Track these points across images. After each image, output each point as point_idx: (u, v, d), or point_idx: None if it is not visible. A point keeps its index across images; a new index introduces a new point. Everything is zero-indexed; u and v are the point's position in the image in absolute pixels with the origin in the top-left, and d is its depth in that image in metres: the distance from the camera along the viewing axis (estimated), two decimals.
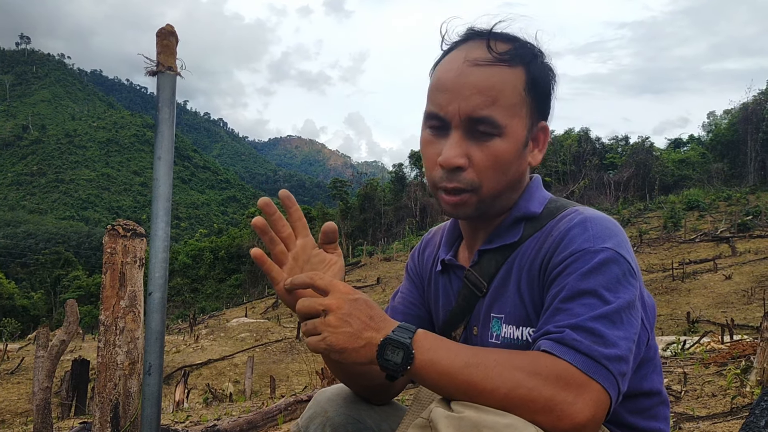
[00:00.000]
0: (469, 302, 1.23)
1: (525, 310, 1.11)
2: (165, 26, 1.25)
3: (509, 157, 1.12)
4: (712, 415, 4.04)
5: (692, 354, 7.50)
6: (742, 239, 27.31)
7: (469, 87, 1.10)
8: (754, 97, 60.18)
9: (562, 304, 1.00)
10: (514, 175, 1.15)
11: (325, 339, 0.99)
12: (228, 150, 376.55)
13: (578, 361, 0.93)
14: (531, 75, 1.13)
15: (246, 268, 63.17)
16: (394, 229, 61.03)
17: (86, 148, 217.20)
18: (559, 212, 1.16)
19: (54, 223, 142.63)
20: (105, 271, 3.46)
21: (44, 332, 5.75)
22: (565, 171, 64.70)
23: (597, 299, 0.99)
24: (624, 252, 1.04)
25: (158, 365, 1.13)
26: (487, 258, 1.20)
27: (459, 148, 1.10)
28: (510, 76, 1.11)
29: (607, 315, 0.98)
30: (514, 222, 1.19)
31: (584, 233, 1.05)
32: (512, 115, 1.11)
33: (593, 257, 1.02)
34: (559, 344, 0.95)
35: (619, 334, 0.97)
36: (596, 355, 0.94)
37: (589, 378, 0.92)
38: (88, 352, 16.85)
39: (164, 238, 1.16)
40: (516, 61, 1.12)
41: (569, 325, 0.97)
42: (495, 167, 1.11)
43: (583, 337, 0.95)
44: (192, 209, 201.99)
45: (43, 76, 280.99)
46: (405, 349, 0.96)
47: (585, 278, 1.01)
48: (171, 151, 1.20)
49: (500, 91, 1.10)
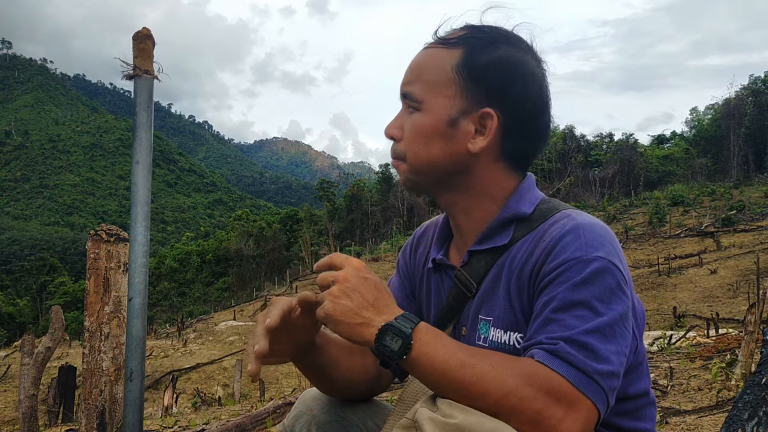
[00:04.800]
0: (459, 302, 1.22)
1: (514, 315, 1.11)
2: (141, 29, 1.25)
3: (426, 131, 1.16)
4: (699, 409, 4.07)
5: (678, 348, 7.55)
6: (726, 234, 27.50)
7: (411, 65, 1.20)
8: (736, 93, 60.72)
9: (554, 315, 0.99)
10: (439, 153, 1.17)
11: (324, 307, 1.01)
12: (213, 153, 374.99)
13: (571, 375, 0.93)
14: (469, 57, 1.14)
15: (234, 271, 62.88)
16: (382, 230, 61.04)
17: (70, 152, 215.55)
18: (551, 214, 1.15)
19: (39, 229, 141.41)
20: (89, 277, 3.43)
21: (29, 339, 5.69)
22: (550, 169, 64.91)
23: (589, 311, 0.98)
24: (616, 261, 1.04)
25: (140, 371, 1.12)
26: (477, 259, 1.20)
27: (396, 120, 1.21)
28: (441, 55, 1.16)
29: (599, 329, 0.97)
30: (504, 223, 1.18)
31: (577, 240, 1.04)
32: (434, 93, 1.15)
33: (586, 267, 1.01)
34: (553, 356, 0.95)
35: (611, 349, 0.97)
36: (589, 370, 0.94)
37: (581, 393, 0.92)
38: (75, 359, 16.73)
39: (144, 243, 1.16)
40: (457, 44, 1.16)
41: (562, 337, 0.96)
42: (413, 139, 1.17)
43: (577, 351, 0.95)
44: (178, 213, 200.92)
45: (26, 81, 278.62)
46: (404, 338, 0.96)
47: (577, 289, 1.00)
48: (149, 155, 1.19)
49: (425, 68, 1.17)
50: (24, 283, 77.02)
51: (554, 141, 66.16)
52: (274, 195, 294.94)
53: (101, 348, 3.12)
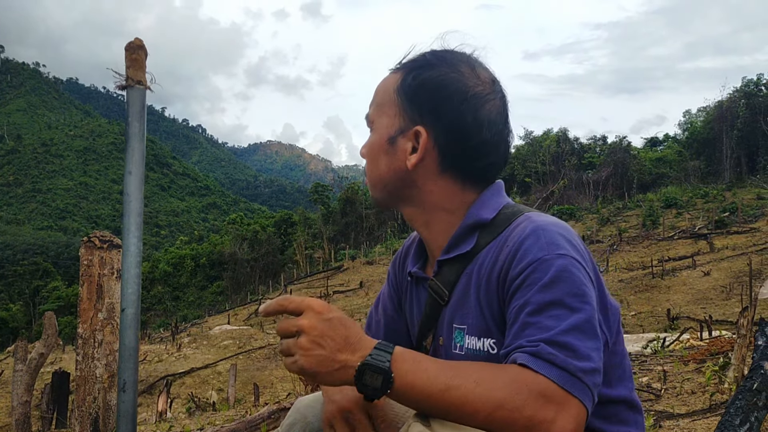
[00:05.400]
0: (434, 312, 1.25)
1: (485, 322, 1.12)
2: (134, 40, 1.25)
3: (374, 149, 1.26)
4: (692, 413, 4.08)
5: (672, 351, 7.57)
6: (719, 236, 27.60)
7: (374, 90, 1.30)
8: (729, 95, 60.94)
9: (530, 318, 1.00)
10: (386, 170, 1.25)
11: (296, 362, 0.96)
12: (207, 156, 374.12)
13: (555, 375, 0.93)
14: (406, 79, 1.22)
15: (228, 275, 62.75)
16: (376, 233, 60.99)
17: (63, 157, 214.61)
18: (514, 218, 1.17)
19: (32, 233, 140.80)
20: (82, 284, 3.42)
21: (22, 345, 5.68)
22: (544, 171, 65.05)
23: (564, 309, 0.99)
24: (578, 256, 1.05)
25: (133, 382, 1.12)
26: (447, 268, 1.23)
27: (365, 141, 1.30)
28: (390, 79, 1.26)
29: (576, 326, 0.98)
30: (467, 230, 1.21)
31: (537, 242, 1.06)
32: (380, 113, 1.26)
33: (551, 266, 1.02)
34: (536, 358, 0.95)
35: (590, 345, 0.98)
36: (572, 368, 0.94)
37: (568, 393, 0.93)
38: (68, 364, 16.63)
39: (136, 253, 1.16)
40: (400, 68, 1.26)
41: (542, 339, 0.97)
42: (367, 157, 1.28)
43: (558, 351, 0.95)
44: (172, 216, 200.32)
45: (18, 85, 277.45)
46: (384, 373, 0.94)
47: (548, 289, 1.01)
48: (142, 166, 1.19)
49: (378, 92, 1.28)
50: (17, 287, 76.64)
51: (548, 144, 66.36)
52: (268, 198, 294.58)
53: (95, 355, 3.11)
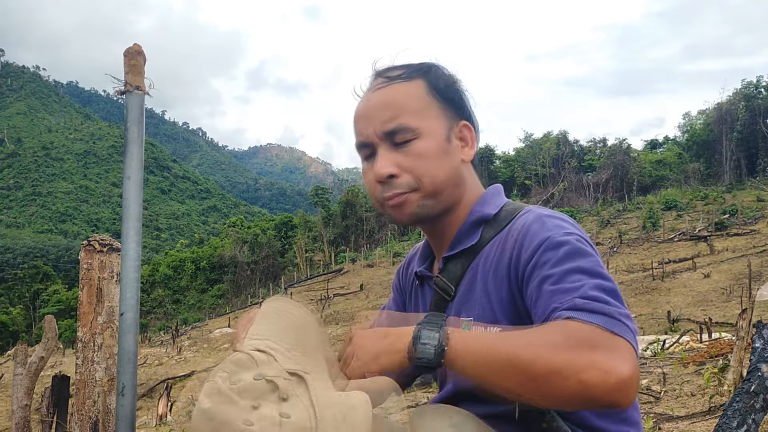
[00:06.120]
0: (440, 308, 1.27)
1: (492, 311, 1.15)
2: (132, 46, 1.26)
3: (434, 152, 1.21)
4: (691, 415, 4.09)
5: (671, 354, 7.57)
6: (719, 238, 27.60)
7: (375, 108, 1.23)
8: (728, 97, 60.96)
9: (554, 287, 1.01)
10: (449, 170, 1.23)
11: (352, 365, 1.05)
12: (207, 159, 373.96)
13: (601, 320, 0.93)
14: (431, 82, 1.25)
15: (228, 278, 62.72)
16: (377, 236, 60.96)
17: (63, 160, 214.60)
18: (516, 212, 1.21)
19: (32, 236, 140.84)
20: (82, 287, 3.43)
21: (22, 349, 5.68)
22: (544, 174, 65.06)
23: (584, 274, 1.01)
24: (585, 235, 1.10)
25: (132, 386, 1.13)
26: (452, 264, 1.26)
27: (386, 159, 1.21)
28: (409, 87, 1.24)
29: (601, 286, 0.99)
30: (472, 226, 1.25)
31: (543, 226, 1.10)
32: (423, 117, 1.22)
33: (562, 244, 1.06)
34: (576, 310, 0.95)
35: (618, 302, 0.98)
36: (613, 312, 0.95)
37: (615, 335, 0.92)
38: (68, 367, 16.63)
39: (135, 258, 1.17)
40: (412, 75, 1.26)
41: (576, 295, 0.98)
42: (426, 163, 1.21)
43: (593, 302, 0.96)
44: (172, 220, 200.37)
45: (18, 89, 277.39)
46: (439, 330, 0.98)
47: (565, 261, 1.03)
48: (140, 171, 1.20)
49: (404, 101, 1.22)
50: (17, 291, 76.55)
51: (548, 146, 66.36)
52: (269, 201, 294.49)
53: (94, 358, 3.12)
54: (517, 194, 60.31)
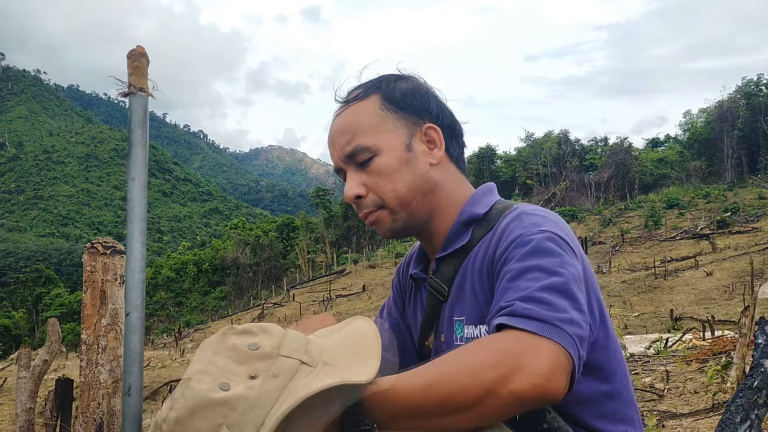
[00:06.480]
0: (435, 309, 1.29)
1: (480, 309, 1.16)
2: (135, 48, 1.27)
3: (393, 166, 1.23)
4: (695, 412, 4.09)
5: (674, 352, 7.57)
6: (721, 236, 27.60)
7: (337, 132, 1.27)
8: (729, 96, 60.97)
9: (509, 284, 1.03)
10: (411, 181, 1.24)
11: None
12: (209, 162, 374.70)
13: (531, 326, 0.93)
14: (385, 95, 1.26)
15: (230, 280, 62.80)
16: (378, 236, 60.91)
17: (65, 163, 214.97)
18: (505, 211, 1.22)
19: (34, 240, 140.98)
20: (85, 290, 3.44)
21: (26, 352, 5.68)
22: (545, 173, 65.08)
23: (541, 272, 1.01)
24: (561, 233, 1.09)
25: (138, 386, 1.14)
26: (445, 264, 1.27)
27: (352, 182, 1.25)
28: (364, 106, 1.26)
29: (553, 286, 0.99)
30: (462, 226, 1.26)
31: (521, 224, 1.12)
32: (378, 133, 1.24)
33: (531, 240, 1.07)
34: (511, 316, 0.96)
35: (567, 304, 0.98)
36: (548, 317, 0.94)
37: (541, 337, 0.92)
38: (71, 371, 16.65)
39: (140, 258, 1.17)
40: (367, 93, 1.27)
41: (518, 297, 0.98)
42: (385, 180, 1.23)
43: (533, 305, 0.96)
44: (174, 222, 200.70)
45: (19, 93, 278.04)
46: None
47: (527, 258, 1.05)
48: (145, 172, 1.21)
49: (357, 122, 1.24)
50: (19, 295, 76.66)
51: (549, 146, 66.37)
52: (270, 203, 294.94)
53: (98, 361, 3.12)
54: (519, 194, 60.32)
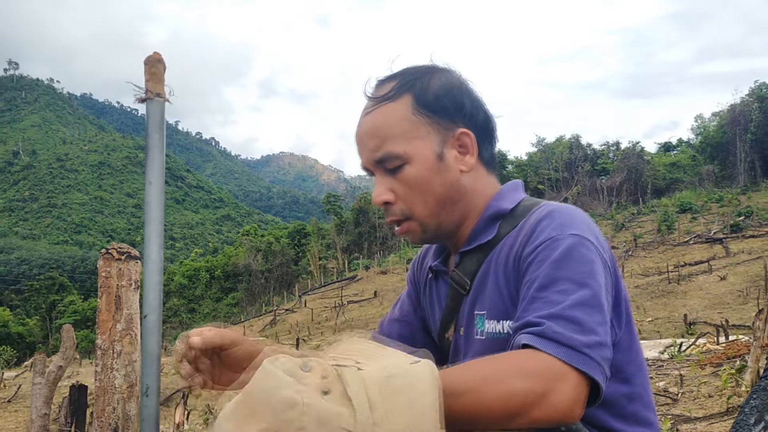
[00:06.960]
0: (456, 302, 1.29)
1: (504, 304, 1.16)
2: (153, 54, 1.29)
3: (424, 177, 1.21)
4: (709, 416, 4.06)
5: (688, 356, 7.53)
6: (735, 240, 27.42)
7: (365, 135, 1.24)
8: (742, 99, 60.52)
9: (538, 293, 1.03)
10: (444, 189, 1.23)
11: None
12: (221, 169, 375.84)
13: (560, 353, 0.95)
14: (418, 97, 1.22)
15: (243, 287, 62.91)
16: (390, 242, 60.90)
17: (78, 171, 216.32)
18: (532, 207, 1.22)
19: (47, 248, 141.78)
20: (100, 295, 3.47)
21: (41, 359, 5.73)
22: (557, 178, 64.85)
23: (571, 284, 1.02)
24: (591, 237, 1.10)
25: (155, 387, 1.15)
26: (468, 258, 1.27)
27: (380, 186, 1.23)
28: (394, 109, 1.21)
29: (583, 301, 1.00)
30: (489, 221, 1.26)
31: (552, 223, 1.11)
32: (410, 140, 1.21)
33: (561, 244, 1.07)
34: (540, 338, 0.97)
35: (597, 319, 1.00)
36: (577, 344, 0.96)
37: (568, 366, 0.94)
38: (85, 377, 16.73)
39: (157, 261, 1.19)
40: (400, 92, 1.22)
41: (548, 315, 0.99)
42: (415, 192, 1.21)
43: (563, 327, 0.97)
44: (186, 229, 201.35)
45: (33, 101, 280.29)
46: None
47: (557, 265, 1.05)
48: (162, 176, 1.23)
49: (387, 126, 1.21)
50: (33, 302, 77.14)
51: (561, 150, 66.15)
52: (282, 210, 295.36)
53: (114, 365, 3.15)
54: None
